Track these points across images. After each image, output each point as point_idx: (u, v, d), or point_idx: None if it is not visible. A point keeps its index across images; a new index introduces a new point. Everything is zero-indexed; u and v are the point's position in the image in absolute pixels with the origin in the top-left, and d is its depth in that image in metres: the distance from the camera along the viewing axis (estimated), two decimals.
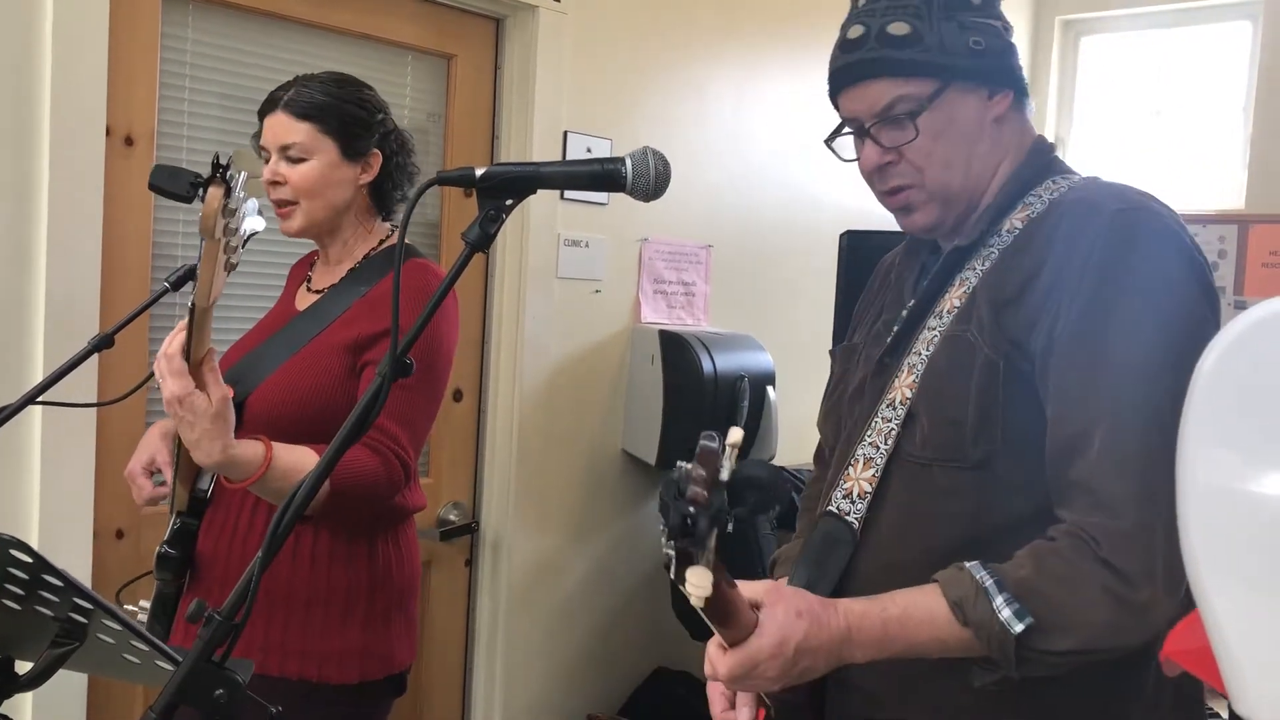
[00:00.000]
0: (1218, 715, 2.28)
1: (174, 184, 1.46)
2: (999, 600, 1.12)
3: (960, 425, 1.21)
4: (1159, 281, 1.17)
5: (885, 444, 1.27)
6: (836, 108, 1.36)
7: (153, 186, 1.49)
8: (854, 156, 1.36)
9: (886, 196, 1.34)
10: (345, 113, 1.78)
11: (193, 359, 1.47)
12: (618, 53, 2.88)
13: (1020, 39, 4.23)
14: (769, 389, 2.98)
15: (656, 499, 3.11)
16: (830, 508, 1.31)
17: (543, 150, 2.69)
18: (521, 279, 2.71)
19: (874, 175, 1.33)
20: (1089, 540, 1.12)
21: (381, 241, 1.87)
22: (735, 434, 1.01)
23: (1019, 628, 1.10)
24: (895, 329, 1.35)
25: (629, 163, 1.13)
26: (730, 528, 1.01)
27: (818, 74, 1.41)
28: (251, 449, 1.56)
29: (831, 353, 1.55)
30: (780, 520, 3.00)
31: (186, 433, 1.50)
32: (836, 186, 3.39)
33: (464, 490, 2.79)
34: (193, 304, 1.43)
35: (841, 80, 1.33)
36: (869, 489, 1.28)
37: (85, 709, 2.08)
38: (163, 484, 1.79)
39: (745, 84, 3.19)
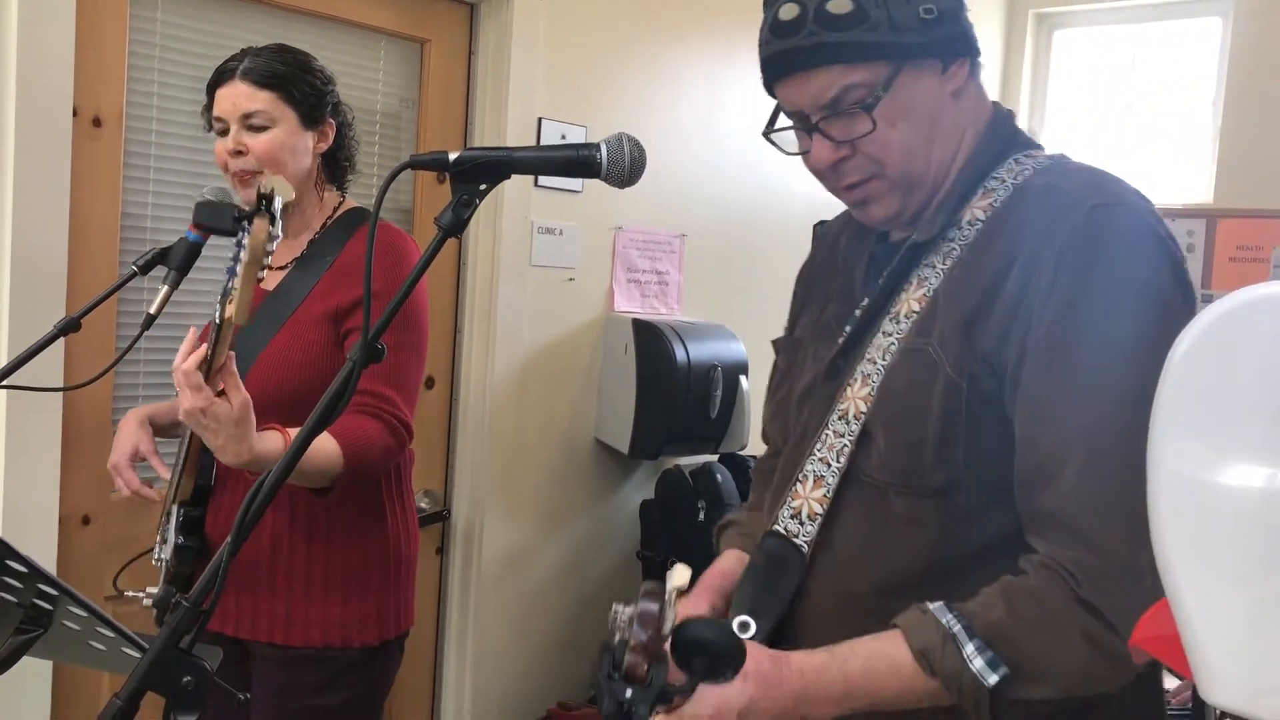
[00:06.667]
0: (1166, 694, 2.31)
1: (218, 220, 1.55)
2: (969, 649, 1.02)
3: (920, 449, 1.11)
4: (1137, 288, 1.07)
5: (837, 462, 1.16)
6: (772, 95, 1.21)
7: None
8: (797, 150, 1.21)
9: (843, 191, 1.21)
10: (303, 81, 1.79)
11: (213, 367, 1.51)
12: (593, 40, 2.87)
13: (993, 31, 4.25)
14: (742, 378, 2.99)
15: (629, 487, 3.11)
16: (777, 527, 1.21)
17: (517, 137, 2.67)
18: (495, 266, 2.70)
19: (827, 172, 1.19)
20: (1066, 576, 1.03)
21: (336, 209, 1.89)
22: (680, 575, 0.90)
23: (993, 679, 1.01)
24: (848, 329, 1.24)
25: (604, 148, 1.13)
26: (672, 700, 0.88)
27: None
28: (272, 441, 1.59)
29: (775, 343, 1.43)
30: None
31: (211, 439, 1.54)
32: (809, 176, 3.39)
33: (435, 478, 2.77)
34: (223, 319, 1.46)
35: (778, 69, 1.17)
36: (820, 510, 1.17)
37: (50, 696, 2.06)
38: (150, 479, 1.80)
39: (718, 72, 3.18)
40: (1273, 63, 3.63)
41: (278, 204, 1.41)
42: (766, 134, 1.24)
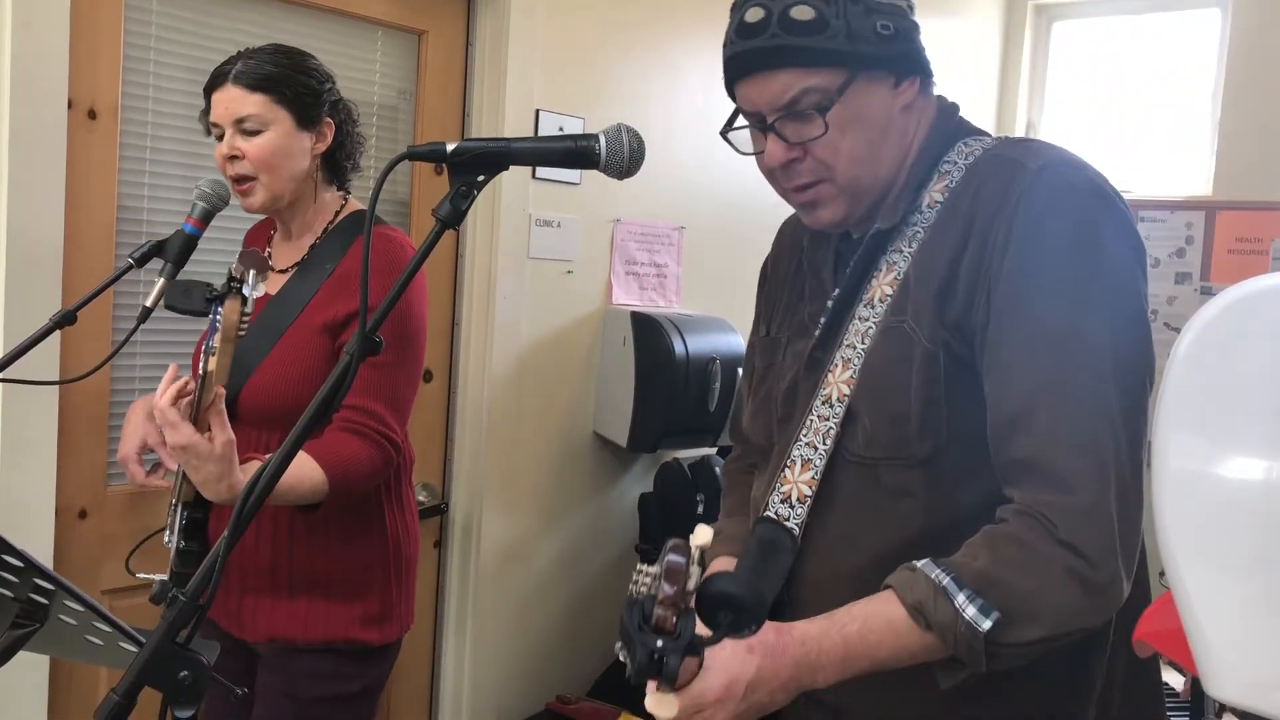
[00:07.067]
0: (1173, 690, 2.32)
1: (189, 302, 1.59)
2: (960, 598, 1.06)
3: (904, 422, 1.16)
4: (1089, 240, 1.12)
5: (824, 444, 1.21)
6: (733, 97, 1.27)
7: (169, 306, 1.62)
8: (752, 150, 1.27)
9: (792, 193, 1.27)
10: (297, 82, 1.77)
11: (201, 407, 1.54)
12: (590, 31, 2.86)
13: (992, 23, 4.24)
14: (740, 371, 2.98)
15: (627, 480, 3.11)
16: (768, 513, 1.25)
17: (515, 128, 2.66)
18: (493, 259, 2.69)
19: (778, 172, 1.24)
20: (1044, 520, 1.07)
21: (337, 212, 1.88)
22: (703, 534, 0.93)
23: (986, 625, 1.05)
24: (823, 320, 1.29)
25: (603, 139, 1.12)
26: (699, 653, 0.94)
27: None
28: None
29: (751, 344, 1.47)
30: None
31: (192, 474, 1.57)
32: None
33: (434, 472, 2.77)
34: (206, 372, 1.52)
35: (740, 68, 1.23)
36: (809, 492, 1.21)
37: (47, 691, 2.05)
38: (157, 464, 1.80)
39: (717, 64, 3.16)
40: (1272, 54, 3.63)
41: (249, 283, 1.49)
42: (724, 133, 1.29)
